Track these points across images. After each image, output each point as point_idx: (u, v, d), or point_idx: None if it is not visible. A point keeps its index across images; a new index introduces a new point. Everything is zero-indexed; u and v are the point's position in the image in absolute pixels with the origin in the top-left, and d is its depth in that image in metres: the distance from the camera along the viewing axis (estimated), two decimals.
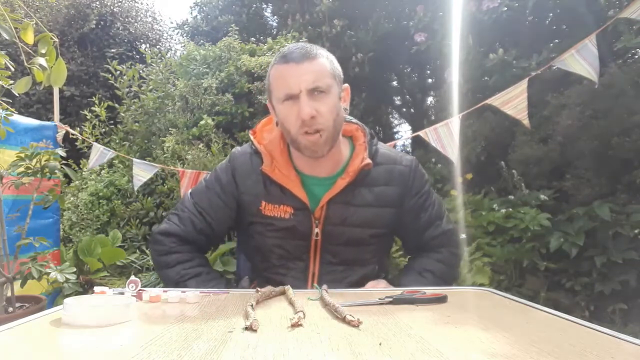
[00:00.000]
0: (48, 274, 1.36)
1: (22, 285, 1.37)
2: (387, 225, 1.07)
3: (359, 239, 1.04)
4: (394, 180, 1.07)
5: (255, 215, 1.07)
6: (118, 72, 3.91)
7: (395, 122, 5.80)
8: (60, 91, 4.10)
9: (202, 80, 3.37)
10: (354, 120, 1.13)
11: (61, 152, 1.52)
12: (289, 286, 0.86)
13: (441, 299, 0.77)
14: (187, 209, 1.10)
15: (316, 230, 1.03)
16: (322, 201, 1.02)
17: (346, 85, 1.05)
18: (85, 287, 2.65)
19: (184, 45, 4.29)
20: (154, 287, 1.91)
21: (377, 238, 1.07)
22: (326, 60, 0.98)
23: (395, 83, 5.35)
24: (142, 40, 6.86)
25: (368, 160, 1.02)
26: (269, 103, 1.05)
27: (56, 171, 1.48)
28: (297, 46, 0.99)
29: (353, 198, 1.03)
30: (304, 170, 1.06)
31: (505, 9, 3.27)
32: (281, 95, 0.97)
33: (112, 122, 4.09)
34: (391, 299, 0.75)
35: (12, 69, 1.16)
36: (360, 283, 1.05)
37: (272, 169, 1.04)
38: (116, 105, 4.02)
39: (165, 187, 3.29)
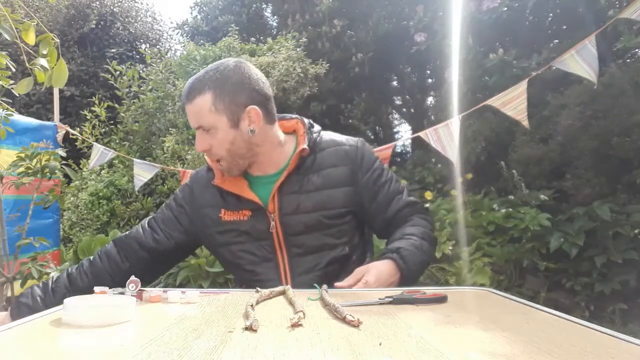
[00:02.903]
0: (48, 274, 1.36)
1: (22, 285, 1.37)
2: (343, 205, 1.08)
3: (317, 223, 1.06)
4: (341, 161, 1.10)
5: (216, 224, 1.10)
6: (118, 72, 3.92)
7: (395, 122, 5.80)
8: (60, 91, 4.10)
9: None
10: (294, 116, 1.17)
11: (61, 152, 1.52)
12: (288, 286, 0.86)
13: (441, 299, 0.77)
14: (142, 227, 1.15)
15: (272, 223, 1.06)
16: (271, 193, 1.06)
17: (251, 107, 1.02)
18: None
19: (184, 45, 4.29)
20: (154, 287, 1.91)
21: (337, 219, 1.07)
22: (206, 97, 0.99)
23: (395, 83, 5.35)
24: (142, 40, 6.87)
25: (303, 147, 1.06)
26: None
27: (56, 171, 1.48)
28: (188, 84, 1.03)
29: (302, 186, 1.07)
30: (253, 172, 1.12)
31: (505, 9, 3.27)
32: None
33: (112, 122, 4.09)
34: (391, 299, 0.76)
35: (13, 69, 1.16)
36: (332, 267, 1.07)
37: (222, 180, 1.10)
38: (116, 105, 4.02)
39: (165, 187, 3.29)
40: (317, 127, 1.15)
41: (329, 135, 1.15)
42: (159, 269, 1.22)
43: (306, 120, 1.15)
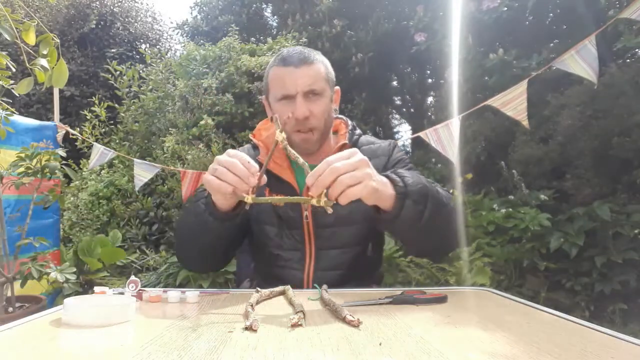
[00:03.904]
0: (48, 274, 1.36)
1: (22, 285, 1.37)
2: None
3: (348, 216, 1.06)
4: (374, 153, 1.14)
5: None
6: (118, 72, 3.92)
7: (395, 122, 5.81)
8: (60, 91, 4.10)
9: (202, 80, 3.37)
10: (339, 116, 1.22)
11: (61, 152, 1.52)
12: (288, 286, 0.86)
13: (441, 299, 0.77)
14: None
15: (305, 213, 1.06)
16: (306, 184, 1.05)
17: (337, 87, 1.14)
18: (85, 287, 2.65)
19: (184, 45, 4.29)
20: (154, 287, 1.91)
21: (366, 214, 1.00)
22: (322, 65, 1.07)
23: (395, 83, 5.35)
24: (142, 40, 6.87)
25: (344, 141, 1.10)
26: (265, 100, 1.14)
27: (56, 171, 1.48)
28: (296, 50, 1.07)
29: None
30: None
31: (505, 9, 3.27)
32: (278, 95, 1.05)
33: (112, 122, 4.09)
34: (391, 299, 0.76)
35: (13, 70, 1.16)
36: (354, 269, 1.06)
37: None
38: (116, 105, 4.02)
39: (165, 187, 3.29)
40: (358, 130, 1.19)
41: (366, 138, 1.21)
42: (235, 246, 1.15)
43: (350, 122, 1.20)
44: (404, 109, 5.51)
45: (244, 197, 0.75)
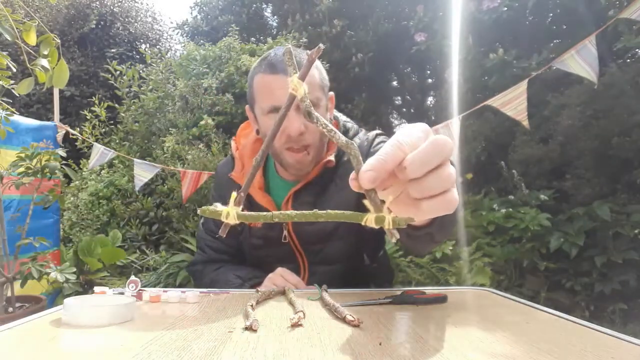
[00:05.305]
0: (48, 274, 1.36)
1: (22, 285, 1.37)
2: (356, 205, 0.97)
3: (332, 232, 0.98)
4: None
5: (240, 224, 1.06)
6: (118, 72, 3.91)
7: (395, 122, 5.80)
8: (60, 91, 4.10)
9: (202, 80, 3.37)
10: (335, 114, 1.07)
11: (61, 152, 1.52)
12: (289, 286, 0.86)
13: (441, 299, 0.77)
14: (201, 238, 1.14)
15: (285, 232, 0.99)
16: (283, 202, 0.99)
17: (331, 93, 0.99)
18: (85, 287, 2.65)
19: (184, 45, 4.29)
20: (154, 287, 1.91)
21: (350, 227, 0.95)
22: (315, 71, 0.92)
23: (395, 83, 5.35)
24: (142, 40, 6.88)
25: (329, 159, 0.97)
26: (250, 111, 1.01)
27: (56, 171, 1.48)
28: (279, 58, 0.91)
29: (319, 195, 0.98)
30: (283, 175, 1.04)
31: (505, 9, 3.27)
32: (266, 106, 0.91)
33: (112, 122, 4.09)
34: (391, 299, 0.76)
35: (14, 70, 1.16)
36: (351, 278, 1.01)
37: (241, 175, 1.02)
38: (116, 105, 4.02)
39: (165, 187, 3.29)
40: (352, 131, 1.04)
41: (360, 140, 1.03)
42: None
43: (342, 122, 1.05)
44: (404, 109, 5.51)
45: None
